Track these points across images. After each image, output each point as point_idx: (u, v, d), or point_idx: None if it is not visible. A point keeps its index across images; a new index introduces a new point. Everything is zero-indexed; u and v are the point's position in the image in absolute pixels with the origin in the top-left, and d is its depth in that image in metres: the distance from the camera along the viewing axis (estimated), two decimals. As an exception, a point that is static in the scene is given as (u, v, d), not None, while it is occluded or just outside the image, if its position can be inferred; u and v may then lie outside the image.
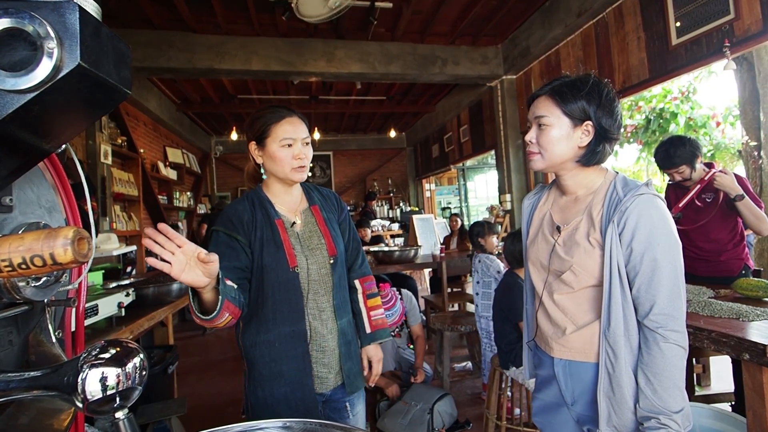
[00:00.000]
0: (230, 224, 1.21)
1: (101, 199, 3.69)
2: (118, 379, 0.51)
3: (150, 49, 3.92)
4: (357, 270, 1.45)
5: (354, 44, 4.40)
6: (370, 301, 1.44)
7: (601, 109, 1.04)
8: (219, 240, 1.20)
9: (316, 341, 1.25)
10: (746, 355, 1.38)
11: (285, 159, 1.22)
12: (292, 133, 1.22)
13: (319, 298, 1.27)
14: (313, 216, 1.33)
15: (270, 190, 1.31)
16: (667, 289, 0.96)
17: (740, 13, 2.46)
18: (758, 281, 1.91)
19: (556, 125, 1.06)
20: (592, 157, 1.08)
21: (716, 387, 2.92)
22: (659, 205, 1.00)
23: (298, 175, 1.25)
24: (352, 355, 1.33)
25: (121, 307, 2.18)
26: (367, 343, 1.41)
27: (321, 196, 1.40)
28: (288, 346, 1.21)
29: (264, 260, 1.20)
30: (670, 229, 0.99)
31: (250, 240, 1.21)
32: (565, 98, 1.05)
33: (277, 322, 1.21)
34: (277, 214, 1.26)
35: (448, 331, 3.02)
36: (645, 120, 8.41)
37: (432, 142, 7.87)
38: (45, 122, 0.54)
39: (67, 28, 0.49)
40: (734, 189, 2.12)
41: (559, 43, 4.05)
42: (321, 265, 1.27)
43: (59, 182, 0.75)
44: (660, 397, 0.94)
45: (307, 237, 1.29)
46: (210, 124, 7.46)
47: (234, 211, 1.24)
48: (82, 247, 0.45)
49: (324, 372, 1.26)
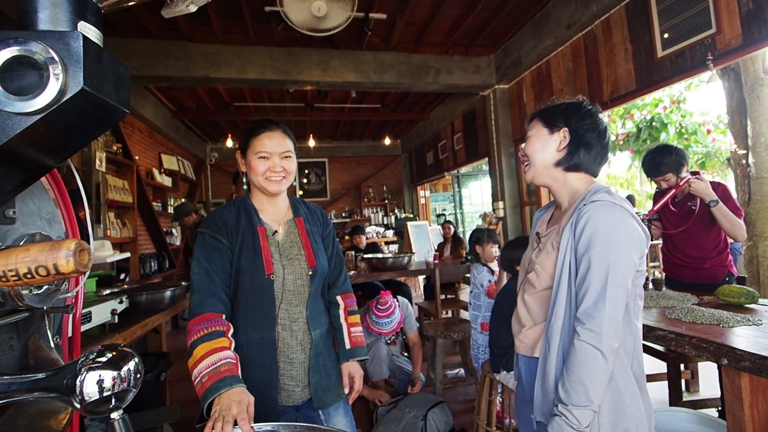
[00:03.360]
0: (215, 227, 1.24)
1: (95, 206, 3.70)
2: (114, 381, 0.54)
3: (146, 57, 3.96)
4: (340, 286, 1.46)
5: (349, 54, 4.46)
6: (351, 317, 1.44)
7: (577, 118, 1.14)
8: (205, 242, 1.23)
9: (284, 352, 1.24)
10: (725, 360, 1.42)
11: (259, 170, 1.26)
12: (269, 147, 1.27)
13: (292, 309, 1.27)
14: (296, 227, 1.35)
15: (255, 198, 1.34)
16: (595, 290, 0.99)
17: (721, 28, 2.54)
18: (740, 288, 1.97)
19: (536, 135, 1.19)
20: (571, 160, 1.15)
21: (705, 393, 2.96)
22: (611, 211, 1.02)
23: (273, 186, 1.28)
24: (321, 368, 1.30)
25: (114, 314, 2.19)
26: (347, 359, 1.39)
27: (307, 210, 1.43)
28: (256, 353, 1.20)
29: (241, 264, 1.22)
30: (613, 235, 1.00)
31: (232, 244, 1.24)
32: (547, 114, 1.19)
33: (247, 328, 1.21)
34: (260, 222, 1.29)
35: (440, 338, 3.05)
36: (636, 128, 8.54)
37: (426, 150, 7.94)
38: (49, 141, 0.57)
39: (72, 55, 0.53)
40: (708, 195, 2.18)
41: (549, 54, 4.13)
42: (298, 276, 1.28)
43: (59, 194, 0.79)
44: (566, 390, 0.99)
45: (287, 247, 1.31)
46: (205, 131, 7.49)
47: (220, 215, 1.28)
48: (83, 258, 0.49)
49: (291, 385, 1.25)
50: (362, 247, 5.32)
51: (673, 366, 2.65)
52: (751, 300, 1.91)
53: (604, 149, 1.17)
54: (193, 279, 1.19)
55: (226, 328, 1.12)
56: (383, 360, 2.88)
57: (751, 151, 5.42)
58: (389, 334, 2.88)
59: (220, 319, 1.12)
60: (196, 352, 1.05)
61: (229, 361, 1.04)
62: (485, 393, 2.22)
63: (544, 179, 1.20)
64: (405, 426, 2.39)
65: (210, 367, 1.01)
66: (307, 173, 8.90)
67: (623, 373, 1.04)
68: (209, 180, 8.27)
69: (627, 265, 1.00)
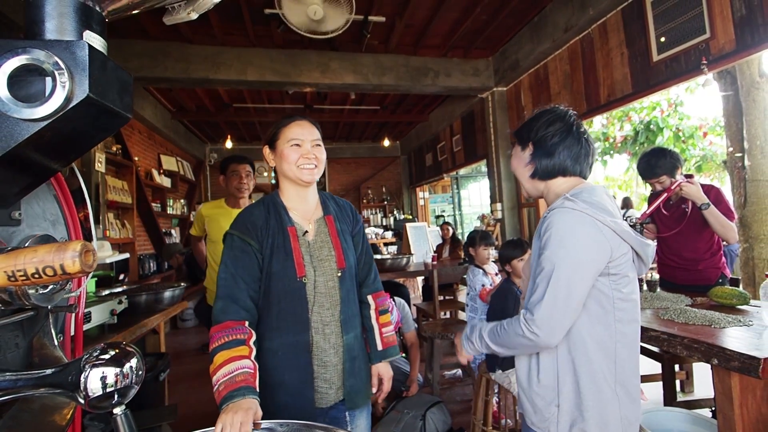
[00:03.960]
0: (245, 228, 1.22)
1: (95, 206, 3.72)
2: (117, 378, 0.57)
3: (146, 59, 3.98)
4: (370, 285, 1.42)
5: (348, 56, 4.49)
6: (382, 317, 1.42)
7: (538, 128, 1.19)
8: (234, 244, 1.21)
9: (317, 355, 1.23)
10: (715, 360, 1.44)
11: (291, 157, 1.24)
12: (300, 135, 1.26)
13: (323, 312, 1.24)
14: (327, 226, 1.32)
15: (285, 195, 1.31)
16: (541, 290, 1.03)
17: (715, 33, 2.57)
18: (732, 290, 1.99)
19: (514, 154, 1.28)
20: (538, 170, 1.19)
21: (700, 393, 2.98)
22: (565, 216, 1.05)
23: (307, 174, 1.25)
24: (356, 371, 1.29)
25: (113, 315, 2.21)
26: (378, 360, 1.38)
27: (337, 206, 1.39)
28: (291, 356, 1.20)
29: (273, 267, 1.20)
30: (563, 238, 1.03)
31: (262, 246, 1.21)
32: (518, 131, 1.27)
33: (281, 331, 1.20)
34: (290, 221, 1.26)
35: (438, 338, 3.07)
36: (634, 131, 8.58)
37: (425, 151, 7.97)
38: (55, 146, 0.60)
39: (77, 63, 0.55)
40: (700, 198, 2.21)
41: (547, 57, 4.16)
42: (328, 278, 1.26)
43: (62, 196, 0.81)
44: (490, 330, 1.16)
45: (317, 247, 1.28)
46: (205, 132, 7.51)
47: (249, 215, 1.25)
48: (88, 259, 0.51)
49: (324, 387, 1.23)
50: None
51: (668, 366, 2.68)
52: (743, 301, 1.94)
53: (579, 147, 1.16)
54: (218, 284, 1.18)
55: (248, 336, 1.11)
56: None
57: (747, 153, 5.46)
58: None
59: (242, 326, 1.12)
60: (216, 359, 1.06)
61: (245, 370, 1.04)
62: (482, 393, 2.24)
63: (533, 193, 1.26)
64: (404, 427, 2.41)
65: (226, 376, 1.02)
66: (306, 174, 8.91)
67: (606, 378, 1.06)
68: (209, 181, 8.29)
69: (575, 268, 1.01)
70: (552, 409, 1.09)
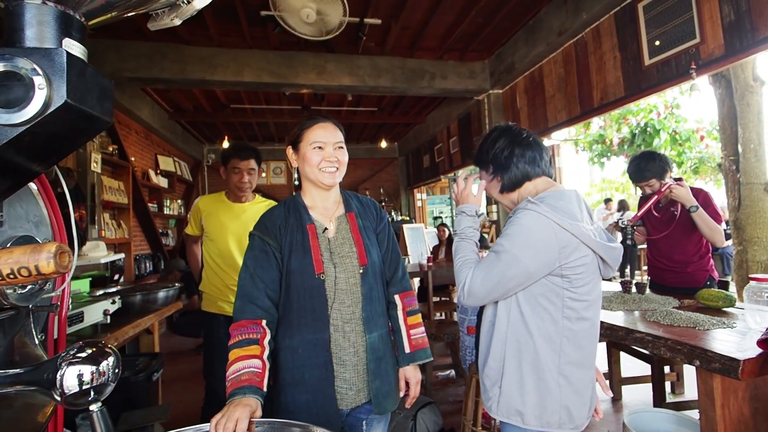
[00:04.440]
0: (264, 228, 1.25)
1: (90, 206, 3.73)
2: (93, 375, 0.58)
3: (143, 60, 3.99)
4: (397, 284, 1.39)
5: (344, 58, 4.51)
6: (410, 318, 1.37)
7: (486, 148, 1.30)
8: (254, 244, 1.24)
9: (336, 354, 1.21)
10: (697, 361, 1.46)
11: (314, 159, 1.25)
12: (323, 137, 1.26)
13: (344, 309, 1.23)
14: (348, 223, 1.32)
15: (307, 195, 1.32)
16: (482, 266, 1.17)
17: (705, 38, 2.60)
18: (718, 292, 2.02)
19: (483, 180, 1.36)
20: (504, 184, 1.29)
21: (691, 395, 3.00)
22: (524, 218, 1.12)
23: (328, 178, 1.26)
24: (383, 372, 1.26)
25: (106, 315, 2.22)
26: (406, 363, 1.34)
27: (360, 204, 1.39)
28: (311, 354, 1.20)
29: (291, 264, 1.21)
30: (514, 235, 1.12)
31: (280, 244, 1.23)
32: (477, 161, 1.37)
33: (301, 329, 1.20)
34: (309, 219, 1.27)
35: (431, 339, 3.09)
36: (631, 134, 8.62)
37: (423, 153, 7.99)
38: (35, 150, 0.61)
39: (56, 70, 0.57)
40: (689, 200, 2.24)
41: (542, 60, 4.19)
42: (350, 275, 1.25)
43: (46, 198, 0.82)
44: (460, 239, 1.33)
45: (338, 244, 1.27)
46: (202, 133, 7.52)
47: (270, 216, 1.28)
48: (63, 260, 0.52)
49: (344, 388, 1.21)
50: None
51: (657, 368, 2.70)
52: (729, 304, 1.96)
53: (531, 151, 1.25)
54: (238, 284, 1.21)
55: (262, 335, 1.13)
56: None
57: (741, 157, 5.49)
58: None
59: (257, 325, 1.14)
60: (230, 356, 1.10)
61: (251, 370, 1.06)
62: (472, 394, 2.25)
63: (510, 204, 1.33)
64: (395, 427, 2.42)
65: (234, 373, 1.06)
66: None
67: (549, 368, 1.13)
68: (206, 181, 8.30)
69: (512, 264, 1.10)
70: (495, 390, 1.18)
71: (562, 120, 3.98)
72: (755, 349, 1.37)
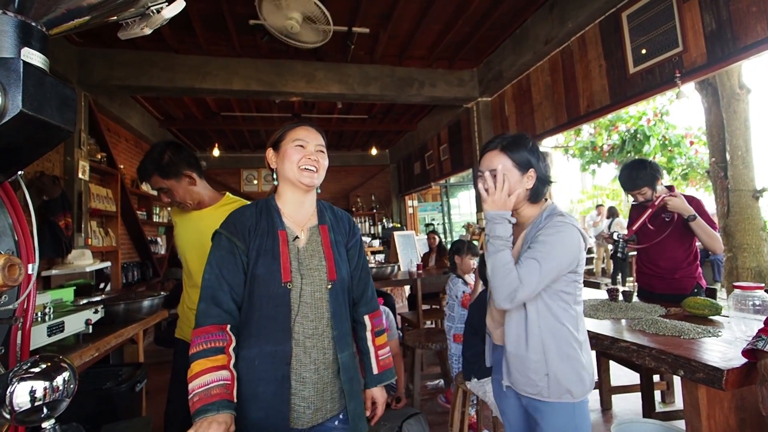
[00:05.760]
0: (233, 228, 1.19)
1: (77, 214, 3.69)
2: (46, 391, 0.57)
3: (132, 68, 3.98)
4: (367, 304, 1.37)
5: (333, 66, 4.53)
6: (378, 339, 1.36)
7: (537, 159, 1.37)
8: (221, 244, 1.18)
9: (296, 369, 1.15)
10: (681, 371, 1.45)
11: (294, 156, 1.23)
12: (306, 137, 1.26)
13: (306, 323, 1.17)
14: (320, 235, 1.27)
15: (282, 198, 1.28)
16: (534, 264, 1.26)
17: (688, 46, 2.64)
18: (704, 300, 2.02)
19: (508, 171, 1.35)
20: (536, 196, 1.39)
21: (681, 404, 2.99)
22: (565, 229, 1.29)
23: (307, 177, 1.23)
24: (355, 393, 1.23)
25: (88, 324, 2.19)
26: (374, 384, 1.33)
27: (334, 217, 1.35)
28: (268, 367, 1.13)
29: (257, 270, 1.15)
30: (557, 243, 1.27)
31: (248, 247, 1.17)
32: (513, 156, 1.36)
33: (260, 339, 1.14)
34: (282, 225, 1.22)
35: (419, 348, 3.06)
36: (621, 140, 8.71)
37: (414, 160, 8.01)
38: (-11, 160, 0.60)
39: (11, 80, 0.56)
40: (686, 210, 2.25)
41: (529, 69, 4.23)
42: (316, 288, 1.20)
43: (11, 207, 0.81)
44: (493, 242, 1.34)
45: (308, 255, 1.23)
46: (193, 140, 7.49)
47: (240, 216, 1.22)
48: (12, 273, 0.51)
49: (301, 406, 1.15)
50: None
51: (646, 377, 2.69)
52: (715, 312, 1.96)
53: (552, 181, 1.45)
54: (202, 285, 1.14)
55: (227, 342, 1.08)
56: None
57: (729, 164, 5.55)
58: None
59: (223, 332, 1.09)
60: (193, 367, 1.04)
61: (222, 383, 1.02)
62: (458, 404, 2.23)
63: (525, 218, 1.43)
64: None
65: (202, 387, 1.00)
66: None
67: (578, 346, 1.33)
68: (197, 189, 8.24)
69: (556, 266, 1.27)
70: (543, 379, 1.31)
71: (550, 127, 4.01)
72: (740, 358, 1.35)
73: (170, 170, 1.75)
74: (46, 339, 1.88)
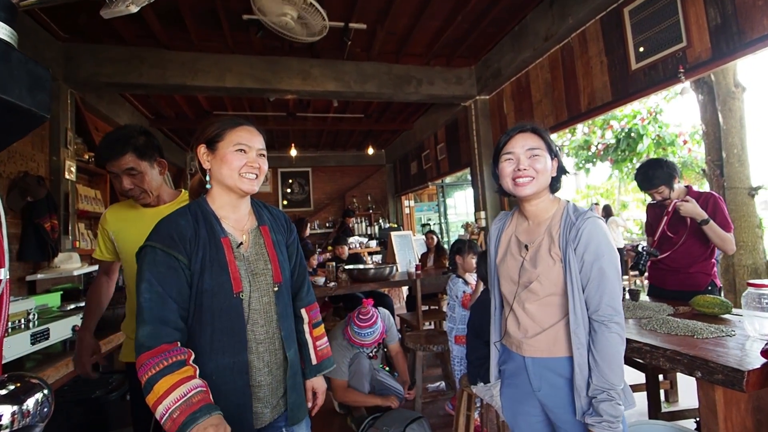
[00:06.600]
0: (171, 241, 1.07)
1: (64, 216, 3.56)
2: (14, 417, 0.48)
3: (121, 64, 3.86)
4: (304, 298, 1.38)
5: (329, 63, 4.44)
6: (315, 330, 1.39)
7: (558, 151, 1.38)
8: (156, 259, 1.05)
9: (252, 376, 1.15)
10: (698, 373, 1.40)
11: (235, 163, 1.14)
12: (248, 141, 1.18)
13: (257, 329, 1.15)
14: (262, 237, 1.24)
15: (216, 202, 1.19)
16: (611, 290, 1.20)
17: (691, 41, 2.59)
18: (714, 298, 1.97)
19: (544, 156, 1.33)
20: (556, 186, 1.39)
21: (684, 403, 2.95)
22: (602, 225, 1.26)
23: (247, 184, 1.17)
24: (297, 386, 1.26)
25: (75, 331, 2.09)
26: (314, 374, 1.36)
27: (271, 216, 1.32)
28: (227, 380, 1.10)
29: (204, 284, 1.08)
30: (610, 244, 1.24)
31: (190, 260, 1.08)
32: (546, 138, 1.36)
33: (215, 354, 1.09)
34: (223, 232, 1.15)
35: (420, 350, 2.99)
36: (615, 139, 8.71)
37: (410, 159, 7.95)
38: (-56, 148, 0.52)
39: (-31, 52, 0.48)
40: (699, 214, 2.23)
41: (528, 66, 4.17)
42: (263, 293, 1.17)
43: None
44: (606, 375, 1.17)
45: (253, 260, 1.19)
46: (185, 140, 7.37)
47: (175, 226, 1.10)
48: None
49: (260, 407, 1.16)
50: (344, 258, 5.25)
51: (652, 376, 2.64)
52: (725, 310, 1.91)
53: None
54: (142, 305, 1.01)
55: (187, 355, 1.01)
56: (364, 375, 2.81)
57: (725, 162, 5.55)
58: (372, 345, 2.81)
59: (177, 347, 1.00)
60: (158, 388, 0.93)
61: (200, 390, 0.96)
62: (463, 408, 2.17)
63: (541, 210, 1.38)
64: (383, 443, 2.31)
65: (180, 399, 0.92)
66: (291, 183, 8.82)
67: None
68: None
69: (620, 265, 1.24)
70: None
71: (550, 125, 3.96)
72: (758, 358, 1.31)
73: (147, 152, 1.57)
74: (30, 347, 1.78)
